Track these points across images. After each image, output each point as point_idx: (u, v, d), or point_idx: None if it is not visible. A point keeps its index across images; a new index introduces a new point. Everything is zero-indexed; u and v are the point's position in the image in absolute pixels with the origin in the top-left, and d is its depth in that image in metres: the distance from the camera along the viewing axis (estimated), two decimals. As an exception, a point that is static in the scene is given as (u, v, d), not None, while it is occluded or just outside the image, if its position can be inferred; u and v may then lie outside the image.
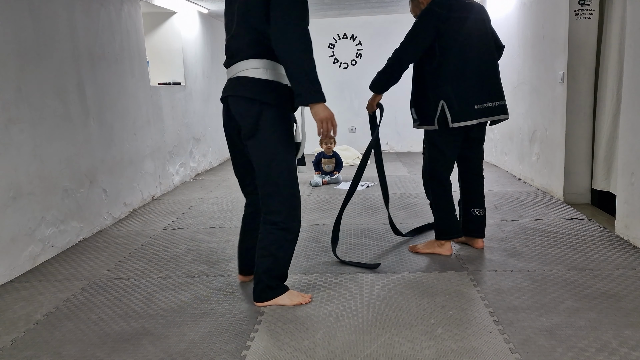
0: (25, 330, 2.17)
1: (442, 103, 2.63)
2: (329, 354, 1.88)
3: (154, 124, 4.70)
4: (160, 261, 2.98)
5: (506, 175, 5.17)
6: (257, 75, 2.12)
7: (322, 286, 2.50)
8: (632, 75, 2.94)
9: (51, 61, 3.17)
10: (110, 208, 3.83)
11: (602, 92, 3.68)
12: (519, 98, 4.95)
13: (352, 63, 7.32)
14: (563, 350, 1.84)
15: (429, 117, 2.70)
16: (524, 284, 2.43)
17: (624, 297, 2.26)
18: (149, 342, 2.02)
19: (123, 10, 4.18)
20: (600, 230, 3.24)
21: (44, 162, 3.07)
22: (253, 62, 2.12)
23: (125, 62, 4.17)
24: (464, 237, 3.00)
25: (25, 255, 2.89)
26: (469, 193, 2.92)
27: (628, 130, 2.99)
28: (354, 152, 6.48)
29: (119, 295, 2.50)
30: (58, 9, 3.27)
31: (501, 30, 5.44)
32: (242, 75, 2.14)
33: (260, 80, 2.12)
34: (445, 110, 2.62)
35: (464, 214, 2.95)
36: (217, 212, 4.09)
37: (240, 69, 2.15)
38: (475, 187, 2.91)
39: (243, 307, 2.31)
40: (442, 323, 2.08)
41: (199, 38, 6.08)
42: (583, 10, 3.73)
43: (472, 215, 2.91)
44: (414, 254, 2.90)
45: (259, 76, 2.12)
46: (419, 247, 2.95)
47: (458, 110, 2.61)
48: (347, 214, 3.85)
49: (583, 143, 3.89)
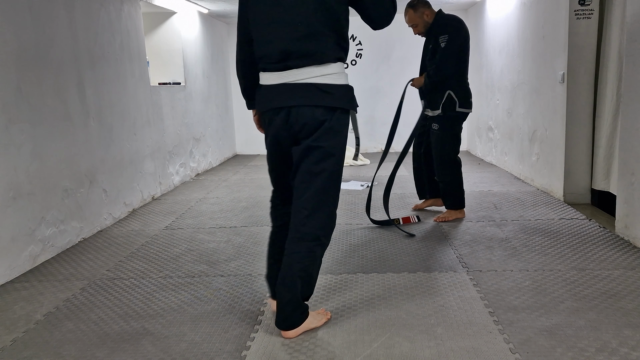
0: (25, 330, 2.17)
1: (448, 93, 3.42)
2: (329, 354, 1.88)
3: (154, 124, 4.70)
4: (160, 261, 2.98)
5: (506, 175, 5.17)
6: (339, 82, 1.98)
7: (322, 286, 2.50)
8: (632, 75, 2.94)
9: (51, 61, 3.17)
10: (110, 208, 3.83)
11: (602, 92, 3.68)
12: (519, 98, 4.95)
13: (352, 63, 7.32)
14: (563, 350, 1.84)
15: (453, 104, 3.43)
16: (524, 284, 2.43)
17: (624, 297, 2.26)
18: (149, 342, 2.02)
19: (123, 10, 4.18)
20: (600, 230, 3.24)
21: (44, 162, 3.07)
22: (334, 67, 1.96)
23: (125, 62, 4.17)
24: (432, 200, 3.86)
25: (25, 255, 2.89)
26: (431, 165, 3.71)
27: (628, 130, 2.99)
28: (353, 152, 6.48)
29: (119, 295, 2.50)
30: (58, 9, 3.27)
31: (501, 30, 5.44)
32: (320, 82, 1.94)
33: (342, 86, 1.98)
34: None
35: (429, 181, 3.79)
36: (217, 212, 4.09)
37: (315, 74, 1.93)
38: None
39: (243, 307, 2.31)
40: (442, 323, 2.08)
41: (199, 38, 6.09)
42: (583, 10, 3.73)
43: (435, 181, 3.73)
44: (414, 254, 2.91)
45: (342, 82, 1.98)
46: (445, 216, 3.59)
47: (465, 101, 3.45)
48: (347, 214, 3.85)
49: (583, 143, 3.89)
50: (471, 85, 3.57)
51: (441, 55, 3.31)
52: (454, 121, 3.47)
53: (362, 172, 5.73)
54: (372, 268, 2.72)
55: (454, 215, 3.59)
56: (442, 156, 3.52)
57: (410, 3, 3.44)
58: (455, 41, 3.30)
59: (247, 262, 2.89)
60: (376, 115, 7.40)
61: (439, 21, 3.40)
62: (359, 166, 6.20)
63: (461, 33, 3.34)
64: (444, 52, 3.30)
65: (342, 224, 3.58)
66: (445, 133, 3.47)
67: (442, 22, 3.38)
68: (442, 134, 3.48)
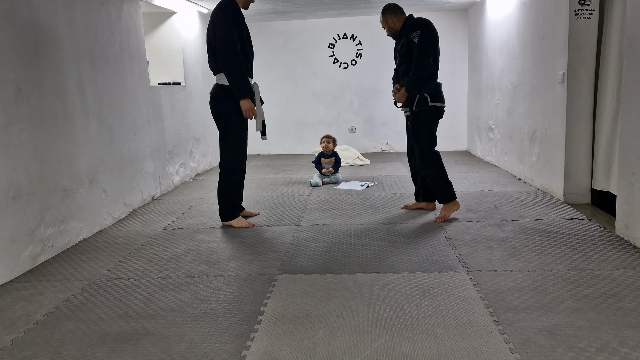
0: (25, 330, 2.17)
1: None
2: (329, 354, 1.88)
3: (154, 123, 4.70)
4: (160, 261, 2.98)
5: (506, 175, 5.17)
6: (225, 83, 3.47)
7: (323, 286, 2.50)
8: (632, 75, 2.94)
9: (51, 61, 3.17)
10: (110, 208, 3.83)
11: (602, 92, 3.68)
12: (519, 98, 4.95)
13: (352, 63, 7.32)
14: (563, 350, 1.84)
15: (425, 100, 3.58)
16: (524, 284, 2.43)
17: (624, 297, 2.26)
18: (149, 342, 2.02)
19: (123, 10, 4.18)
20: (600, 230, 3.24)
21: (44, 162, 3.07)
22: None
23: (125, 62, 4.17)
24: (425, 203, 3.92)
25: (25, 255, 2.89)
26: None
27: (628, 130, 2.99)
28: (353, 152, 6.48)
29: (118, 295, 2.50)
30: (58, 9, 3.27)
31: (501, 30, 5.44)
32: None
33: None
34: None
35: (423, 184, 3.87)
36: (217, 212, 4.08)
37: None
38: None
39: (243, 307, 2.31)
40: (442, 323, 2.08)
41: (199, 38, 6.09)
42: (583, 10, 3.73)
43: (428, 185, 3.80)
44: (414, 254, 2.91)
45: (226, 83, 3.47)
46: (443, 215, 3.62)
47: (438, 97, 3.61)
48: (347, 214, 3.85)
49: (583, 143, 3.89)
50: (471, 85, 3.60)
51: (418, 50, 3.46)
52: (428, 115, 3.58)
53: (362, 172, 5.73)
54: (372, 268, 2.72)
55: (450, 210, 3.65)
56: (422, 151, 3.62)
57: (383, 8, 3.73)
58: (427, 35, 3.46)
59: (247, 262, 2.89)
60: (376, 115, 7.40)
61: (408, 22, 3.60)
62: (358, 166, 6.20)
63: (431, 29, 3.51)
64: (419, 46, 3.45)
65: (342, 224, 3.59)
66: (421, 128, 3.60)
67: (412, 22, 3.56)
68: (417, 128, 3.61)
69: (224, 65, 3.33)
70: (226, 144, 3.54)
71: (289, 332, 2.05)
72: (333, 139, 5.29)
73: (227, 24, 3.28)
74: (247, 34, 3.48)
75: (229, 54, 3.28)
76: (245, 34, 3.45)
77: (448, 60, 7.12)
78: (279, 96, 7.44)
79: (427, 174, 3.65)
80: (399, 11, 3.66)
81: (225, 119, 3.47)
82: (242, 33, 3.39)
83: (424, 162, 3.64)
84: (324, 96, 7.42)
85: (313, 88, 7.40)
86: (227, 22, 3.28)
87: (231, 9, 3.33)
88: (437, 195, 3.68)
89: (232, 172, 3.57)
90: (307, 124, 7.53)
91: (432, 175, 3.63)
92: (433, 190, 3.68)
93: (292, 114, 7.52)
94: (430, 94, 3.54)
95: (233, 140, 3.52)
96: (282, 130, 7.54)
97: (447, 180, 3.64)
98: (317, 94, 7.42)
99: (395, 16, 3.65)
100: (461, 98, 7.14)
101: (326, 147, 5.22)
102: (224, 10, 3.32)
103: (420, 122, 3.60)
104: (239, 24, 3.36)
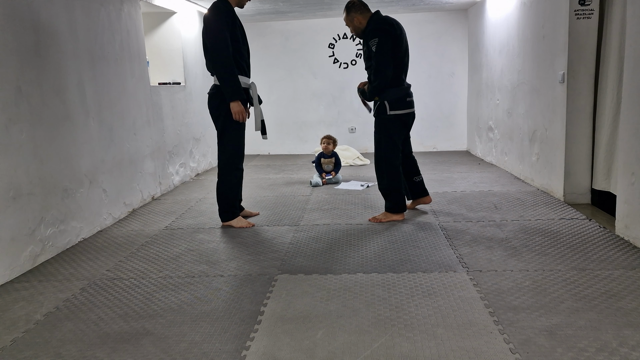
0: (25, 330, 2.17)
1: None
2: (329, 354, 1.88)
3: (154, 123, 4.70)
4: (160, 261, 2.98)
5: (506, 175, 5.17)
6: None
7: (323, 286, 2.50)
8: (632, 75, 2.94)
9: (51, 61, 3.17)
10: (110, 208, 3.83)
11: (602, 92, 3.68)
12: (519, 98, 4.95)
13: (352, 63, 7.32)
14: (563, 350, 1.84)
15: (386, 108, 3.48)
16: (524, 284, 2.43)
17: (624, 297, 2.26)
18: (149, 342, 2.02)
19: (123, 10, 4.18)
20: (600, 230, 3.24)
21: (44, 162, 3.07)
22: None
23: (125, 62, 4.17)
24: (412, 202, 3.87)
25: (25, 255, 2.89)
26: (409, 166, 3.76)
27: (628, 130, 2.99)
28: (353, 152, 6.48)
29: (119, 295, 2.50)
30: (58, 9, 3.27)
31: (501, 30, 5.44)
32: None
33: None
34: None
35: (408, 183, 3.78)
36: (216, 212, 4.08)
37: None
38: (412, 162, 3.79)
39: (243, 307, 2.31)
40: (442, 323, 2.08)
41: (199, 38, 6.08)
42: (583, 10, 3.73)
43: (414, 182, 3.78)
44: (414, 254, 2.91)
45: None
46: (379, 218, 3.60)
47: None
48: (347, 214, 3.85)
49: (583, 143, 3.89)
50: (471, 85, 3.59)
51: (376, 60, 3.35)
52: (387, 124, 3.48)
53: (362, 172, 5.73)
54: (372, 268, 2.72)
55: (390, 218, 3.58)
56: (379, 159, 3.56)
57: (346, 5, 3.51)
58: (385, 43, 3.32)
59: (247, 262, 2.89)
60: (376, 115, 7.40)
61: (369, 25, 3.42)
62: (359, 166, 6.20)
63: (390, 35, 3.34)
64: (377, 56, 3.33)
65: (342, 224, 3.59)
66: (380, 136, 3.52)
67: (372, 27, 3.38)
68: (377, 136, 3.55)
69: (215, 67, 3.35)
70: (224, 144, 3.53)
71: (288, 332, 2.05)
72: (333, 139, 5.29)
73: (219, 25, 3.27)
74: (241, 34, 3.45)
75: (219, 56, 3.28)
76: (239, 33, 3.42)
77: (448, 60, 7.13)
78: (279, 96, 7.44)
79: (380, 185, 3.59)
80: (365, 8, 3.46)
81: (223, 119, 3.47)
82: (235, 33, 3.36)
83: (378, 171, 3.58)
84: (324, 96, 7.42)
85: (313, 88, 7.40)
86: (219, 23, 3.28)
87: (223, 10, 3.32)
88: (386, 203, 3.61)
89: (229, 173, 3.57)
90: (307, 124, 7.53)
91: (384, 187, 3.57)
92: (384, 197, 3.62)
93: (292, 114, 7.52)
94: (390, 102, 3.42)
95: (230, 141, 3.52)
96: (282, 130, 7.54)
97: (400, 192, 3.55)
98: (317, 94, 7.42)
99: (362, 14, 3.45)
100: (461, 98, 7.14)
101: (326, 147, 5.21)
102: (215, 11, 3.31)
103: (380, 129, 3.51)
104: (232, 24, 3.34)
